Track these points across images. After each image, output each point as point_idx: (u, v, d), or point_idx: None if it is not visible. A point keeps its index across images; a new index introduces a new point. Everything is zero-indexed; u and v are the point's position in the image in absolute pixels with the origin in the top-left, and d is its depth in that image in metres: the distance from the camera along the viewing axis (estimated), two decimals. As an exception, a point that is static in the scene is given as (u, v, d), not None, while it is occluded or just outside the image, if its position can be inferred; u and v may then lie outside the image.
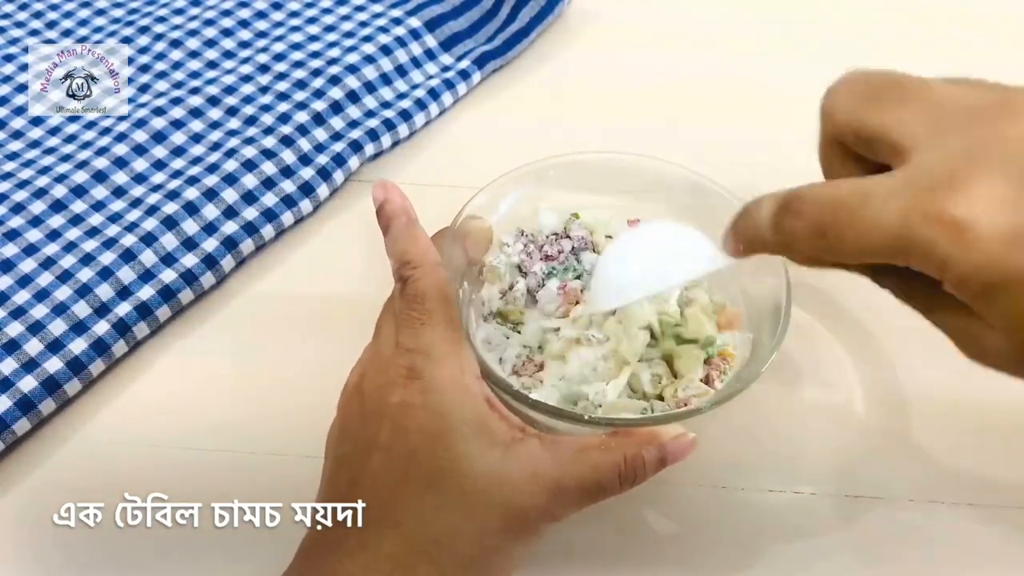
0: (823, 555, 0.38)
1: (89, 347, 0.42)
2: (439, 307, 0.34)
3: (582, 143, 0.47)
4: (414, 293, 0.35)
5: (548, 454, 0.33)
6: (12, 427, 0.40)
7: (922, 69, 0.28)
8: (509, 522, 0.32)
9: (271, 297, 0.47)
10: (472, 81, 0.56)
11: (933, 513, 0.39)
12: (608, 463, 0.33)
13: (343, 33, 0.57)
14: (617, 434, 0.34)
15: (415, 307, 0.34)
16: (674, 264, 0.34)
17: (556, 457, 0.33)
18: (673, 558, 0.39)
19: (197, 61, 0.56)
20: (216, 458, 0.41)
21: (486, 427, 0.33)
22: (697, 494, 0.40)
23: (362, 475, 0.32)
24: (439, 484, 0.32)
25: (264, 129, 0.51)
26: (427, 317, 0.34)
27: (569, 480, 0.32)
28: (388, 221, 0.39)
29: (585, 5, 0.61)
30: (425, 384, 0.33)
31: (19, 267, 0.45)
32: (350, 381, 0.37)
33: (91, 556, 0.38)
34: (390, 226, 0.38)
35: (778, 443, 0.41)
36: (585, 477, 0.33)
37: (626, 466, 0.33)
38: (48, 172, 0.49)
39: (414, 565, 0.31)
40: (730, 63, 0.59)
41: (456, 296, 0.36)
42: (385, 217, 0.39)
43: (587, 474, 0.33)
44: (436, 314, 0.34)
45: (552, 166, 0.44)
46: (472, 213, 0.42)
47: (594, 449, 0.33)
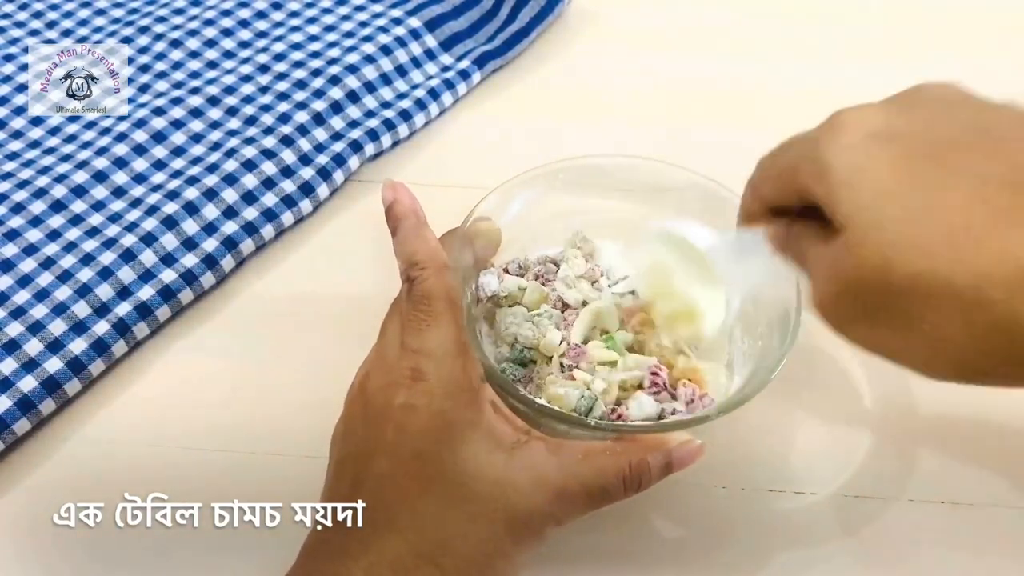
0: (823, 555, 0.38)
1: (89, 347, 0.42)
2: (445, 309, 0.34)
3: (582, 143, 0.47)
4: (420, 294, 0.35)
5: (553, 458, 0.33)
6: (12, 427, 0.40)
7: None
8: (512, 526, 0.32)
9: (271, 297, 0.47)
10: (472, 81, 0.56)
11: (933, 513, 0.39)
12: (613, 468, 0.33)
13: (343, 33, 0.57)
14: (623, 439, 0.34)
15: (421, 308, 0.34)
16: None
17: (560, 461, 0.33)
18: (672, 557, 0.39)
19: (197, 61, 0.56)
20: (216, 458, 0.41)
21: (490, 430, 0.33)
22: (697, 493, 0.40)
23: (366, 476, 0.32)
24: (442, 487, 0.32)
25: (264, 129, 0.51)
26: (433, 319, 0.34)
27: (573, 485, 0.32)
28: (397, 222, 0.38)
29: (585, 5, 0.61)
30: (429, 386, 0.33)
31: (19, 267, 0.45)
32: (355, 381, 0.36)
33: (91, 556, 0.38)
34: (399, 227, 0.38)
35: (778, 443, 0.42)
36: (590, 482, 0.33)
37: (631, 472, 0.33)
38: (48, 172, 0.49)
39: (417, 568, 0.31)
40: (730, 64, 0.59)
41: (463, 298, 0.35)
42: (394, 218, 0.39)
43: (592, 479, 0.33)
44: (442, 316, 0.34)
45: (563, 168, 0.44)
46: (481, 215, 0.42)
47: (599, 454, 0.33)
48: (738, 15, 0.62)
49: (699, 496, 0.40)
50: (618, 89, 0.57)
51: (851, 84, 0.56)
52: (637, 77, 0.58)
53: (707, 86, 0.57)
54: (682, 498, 0.40)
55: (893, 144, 0.26)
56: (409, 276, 0.36)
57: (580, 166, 0.44)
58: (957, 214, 0.25)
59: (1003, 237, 0.24)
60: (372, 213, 0.50)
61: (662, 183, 0.44)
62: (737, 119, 0.55)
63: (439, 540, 0.31)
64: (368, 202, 0.51)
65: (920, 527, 0.39)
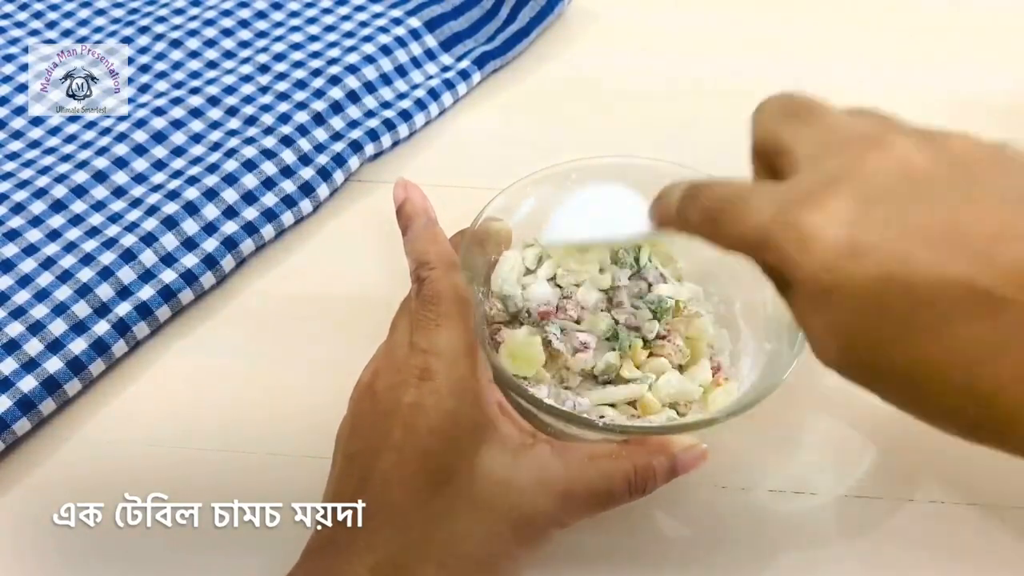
0: (824, 556, 0.38)
1: (89, 347, 0.42)
2: (454, 309, 0.34)
3: (582, 143, 0.47)
4: (430, 294, 0.35)
5: (558, 460, 0.33)
6: (12, 427, 0.40)
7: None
8: (517, 527, 0.32)
9: (271, 297, 0.47)
10: (472, 81, 0.56)
11: (933, 513, 0.39)
12: (618, 472, 0.33)
13: (343, 33, 0.57)
14: (629, 442, 0.34)
15: (430, 308, 0.34)
16: (619, 223, 0.35)
17: (566, 464, 0.33)
18: (672, 557, 0.39)
19: (197, 61, 0.56)
20: (216, 458, 0.41)
21: (497, 431, 0.33)
22: (698, 493, 0.40)
23: (372, 474, 0.32)
24: (448, 487, 0.32)
25: (264, 129, 0.51)
26: (442, 319, 0.34)
27: (578, 487, 0.32)
28: (408, 221, 0.39)
29: (585, 5, 0.61)
30: (437, 385, 0.33)
31: (19, 267, 0.45)
32: (363, 379, 0.37)
33: (91, 556, 0.38)
34: (409, 226, 0.38)
35: (778, 443, 0.42)
36: (595, 485, 0.33)
37: (636, 475, 0.33)
38: (48, 172, 0.49)
39: (422, 567, 0.31)
40: (731, 63, 0.59)
41: (473, 298, 0.36)
42: (405, 217, 0.39)
43: (597, 482, 0.33)
44: (451, 316, 0.34)
45: (574, 169, 0.44)
46: (492, 215, 0.42)
47: (605, 457, 0.33)
48: (739, 15, 0.62)
49: (700, 496, 0.40)
50: (618, 89, 0.57)
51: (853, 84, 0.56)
52: (637, 77, 0.58)
53: (708, 86, 0.57)
54: (683, 498, 0.40)
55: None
56: (419, 276, 0.36)
57: (592, 166, 0.44)
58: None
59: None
60: (372, 213, 0.50)
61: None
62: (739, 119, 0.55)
63: (444, 540, 0.31)
64: (368, 202, 0.51)
65: (921, 528, 0.39)
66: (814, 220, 0.24)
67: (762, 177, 0.30)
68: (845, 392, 0.42)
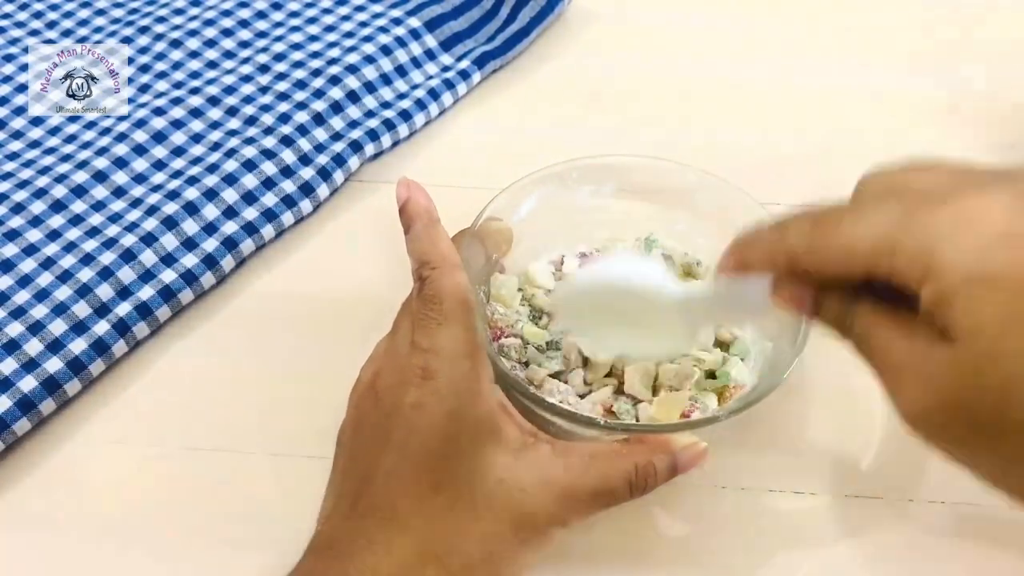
0: (823, 555, 0.38)
1: (89, 347, 0.42)
2: (456, 309, 0.34)
3: (582, 143, 0.47)
4: (432, 294, 0.35)
5: (559, 460, 0.33)
6: (12, 427, 0.40)
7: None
8: (518, 526, 0.32)
9: (271, 297, 0.47)
10: (472, 81, 0.56)
11: (933, 513, 0.39)
12: (619, 470, 0.33)
13: (343, 33, 0.57)
14: (629, 441, 0.34)
15: (432, 308, 0.34)
16: (649, 338, 0.35)
17: (567, 463, 0.33)
18: (672, 556, 0.38)
19: (197, 61, 0.56)
20: (216, 458, 0.41)
21: (498, 431, 0.33)
22: (698, 493, 0.40)
23: (374, 473, 0.32)
24: (450, 486, 0.32)
25: (264, 129, 0.51)
26: (444, 319, 0.34)
27: (579, 486, 0.33)
28: (410, 220, 0.38)
29: (585, 5, 0.61)
30: (439, 385, 0.33)
31: (19, 267, 0.45)
32: (363, 378, 0.36)
33: (92, 555, 0.38)
34: (412, 225, 0.38)
35: (778, 443, 0.42)
36: (596, 484, 0.33)
37: (637, 474, 0.33)
38: (48, 172, 0.49)
39: (423, 566, 0.31)
40: (731, 63, 0.59)
41: (475, 298, 0.36)
42: (407, 216, 0.39)
43: (598, 481, 0.33)
44: (453, 316, 0.34)
45: (575, 168, 0.44)
46: (492, 215, 0.42)
47: (605, 456, 0.33)
48: (739, 14, 0.62)
49: (699, 495, 0.40)
50: (618, 89, 0.57)
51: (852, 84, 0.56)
52: (637, 77, 0.58)
53: (707, 86, 0.57)
54: (682, 497, 0.40)
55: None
56: (421, 275, 0.36)
57: (593, 166, 0.44)
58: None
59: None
60: (372, 213, 0.50)
61: (675, 184, 0.44)
62: (738, 119, 0.55)
63: (445, 539, 0.31)
64: (368, 202, 0.51)
65: (921, 528, 0.39)
66: (967, 204, 0.23)
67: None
68: (845, 392, 0.43)
